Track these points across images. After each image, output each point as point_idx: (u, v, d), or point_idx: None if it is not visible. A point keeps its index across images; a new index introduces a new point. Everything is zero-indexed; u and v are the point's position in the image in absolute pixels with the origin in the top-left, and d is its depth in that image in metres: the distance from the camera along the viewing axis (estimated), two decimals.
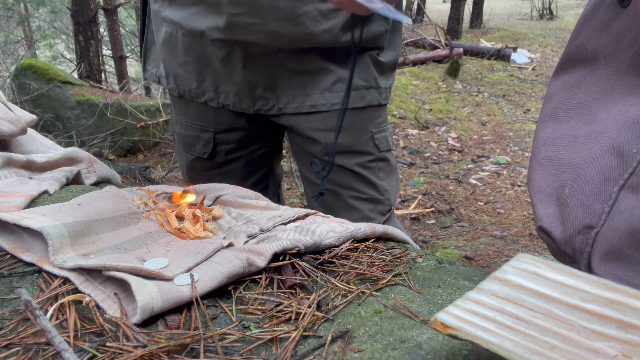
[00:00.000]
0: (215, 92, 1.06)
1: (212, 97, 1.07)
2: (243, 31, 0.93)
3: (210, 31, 0.95)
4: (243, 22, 0.92)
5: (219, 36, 0.95)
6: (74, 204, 0.60)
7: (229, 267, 0.50)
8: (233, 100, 1.06)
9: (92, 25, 5.47)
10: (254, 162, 1.22)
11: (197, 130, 1.15)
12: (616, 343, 0.34)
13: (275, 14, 0.91)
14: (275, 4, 0.90)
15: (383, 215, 1.15)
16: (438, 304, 0.49)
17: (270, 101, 1.06)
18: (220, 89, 1.06)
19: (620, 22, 0.52)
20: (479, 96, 5.73)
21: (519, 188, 3.39)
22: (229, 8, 0.91)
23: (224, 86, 1.05)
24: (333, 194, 1.11)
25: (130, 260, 0.51)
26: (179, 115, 1.18)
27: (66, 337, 0.41)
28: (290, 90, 1.04)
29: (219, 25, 0.94)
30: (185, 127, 1.17)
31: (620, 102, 0.51)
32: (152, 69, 1.18)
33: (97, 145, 3.90)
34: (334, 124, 1.04)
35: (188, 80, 1.07)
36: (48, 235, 0.50)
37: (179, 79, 1.09)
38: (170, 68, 1.09)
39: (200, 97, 1.08)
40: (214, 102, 1.08)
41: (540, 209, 0.57)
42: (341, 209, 1.12)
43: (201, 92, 1.08)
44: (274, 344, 0.42)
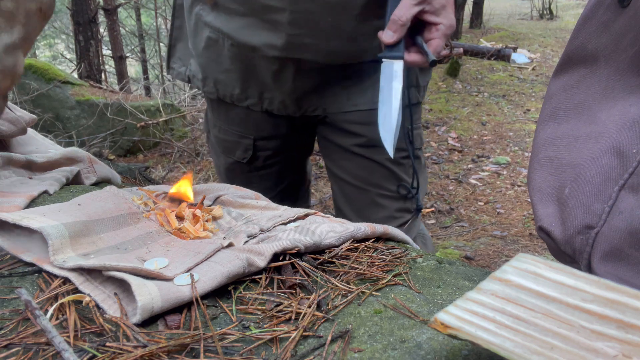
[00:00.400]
0: (260, 98, 1.06)
1: (255, 102, 1.07)
2: (301, 50, 0.93)
3: (265, 48, 0.94)
4: (302, 42, 0.92)
5: (275, 54, 0.94)
6: (74, 203, 0.60)
7: (229, 267, 0.50)
8: (278, 106, 1.06)
9: (92, 25, 5.47)
10: (289, 164, 1.23)
11: (236, 136, 1.15)
12: (616, 343, 0.34)
13: (336, 34, 0.91)
14: (338, 25, 0.90)
15: (409, 214, 1.14)
16: (438, 304, 0.49)
17: (315, 103, 1.06)
18: (264, 96, 1.05)
19: (620, 22, 0.52)
20: (479, 96, 5.73)
21: (519, 188, 3.39)
22: (289, 29, 0.90)
23: (268, 93, 1.05)
24: (360, 191, 1.11)
25: (130, 260, 0.51)
26: (217, 120, 1.17)
27: (66, 337, 0.41)
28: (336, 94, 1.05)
29: (275, 43, 0.92)
30: (224, 132, 1.16)
31: (620, 102, 0.51)
32: (178, 68, 1.16)
33: (97, 145, 3.90)
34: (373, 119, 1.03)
35: (230, 86, 1.06)
36: (48, 235, 0.50)
37: (219, 84, 1.07)
38: (211, 73, 1.07)
39: (242, 101, 1.08)
40: (257, 107, 1.07)
41: (540, 209, 0.57)
42: (368, 207, 1.12)
43: (244, 97, 1.07)
44: (274, 344, 0.42)
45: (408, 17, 0.82)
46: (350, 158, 1.11)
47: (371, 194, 1.10)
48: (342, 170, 1.13)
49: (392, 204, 1.10)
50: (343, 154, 1.11)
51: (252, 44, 0.95)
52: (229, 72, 1.04)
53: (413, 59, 0.85)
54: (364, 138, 1.07)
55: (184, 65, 1.15)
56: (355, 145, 1.08)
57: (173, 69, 1.18)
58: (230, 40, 0.98)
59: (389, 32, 0.84)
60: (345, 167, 1.12)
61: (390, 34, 0.83)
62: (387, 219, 1.11)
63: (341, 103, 1.06)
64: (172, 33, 1.16)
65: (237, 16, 0.95)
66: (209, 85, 1.09)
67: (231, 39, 0.97)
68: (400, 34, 0.83)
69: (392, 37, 0.83)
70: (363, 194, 1.11)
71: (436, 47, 0.84)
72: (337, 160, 1.13)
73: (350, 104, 1.06)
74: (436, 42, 0.85)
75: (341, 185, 1.15)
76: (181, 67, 1.15)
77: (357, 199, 1.13)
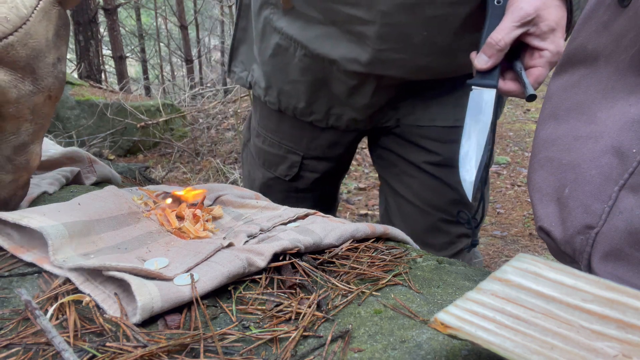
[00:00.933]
0: (326, 113, 0.98)
1: (320, 118, 0.99)
2: (387, 66, 0.84)
3: (346, 62, 0.86)
4: (389, 58, 0.83)
5: (357, 69, 0.86)
6: (74, 203, 0.60)
7: (229, 267, 0.50)
8: (346, 123, 0.98)
9: (92, 25, 5.47)
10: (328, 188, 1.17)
11: (284, 150, 1.07)
12: (616, 343, 0.34)
13: (429, 49, 0.82)
14: (432, 40, 0.81)
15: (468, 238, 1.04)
16: (438, 304, 0.49)
17: (388, 115, 0.98)
18: (332, 111, 0.98)
19: (620, 22, 0.52)
20: None
21: (519, 188, 3.39)
22: (376, 43, 0.81)
23: (338, 109, 0.97)
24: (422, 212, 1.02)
25: (130, 260, 0.51)
26: (264, 130, 1.09)
27: (66, 337, 0.41)
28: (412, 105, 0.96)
29: (360, 58, 0.84)
30: (270, 143, 1.08)
31: (620, 102, 0.51)
32: (240, 72, 1.08)
33: (97, 145, 3.90)
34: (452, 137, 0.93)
35: (295, 98, 0.98)
36: (48, 235, 0.50)
37: (283, 95, 0.99)
38: (276, 83, 0.99)
39: (306, 116, 1.00)
40: (322, 123, 0.99)
41: (540, 209, 0.57)
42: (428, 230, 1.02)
43: (309, 112, 0.99)
44: (274, 344, 0.42)
45: (507, 41, 0.70)
46: (417, 175, 1.02)
47: (434, 217, 1.02)
48: (404, 187, 1.04)
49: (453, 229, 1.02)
50: (409, 170, 1.02)
51: (331, 57, 0.86)
52: (296, 84, 0.96)
53: (508, 88, 0.73)
54: (439, 157, 0.98)
55: (246, 69, 1.07)
56: (427, 162, 0.99)
57: (234, 73, 1.09)
58: (304, 49, 0.90)
59: (483, 57, 0.72)
60: (408, 184, 1.03)
61: (485, 59, 0.72)
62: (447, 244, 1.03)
63: (417, 115, 0.97)
64: (236, 34, 1.07)
65: (315, 24, 0.86)
66: (272, 95, 1.00)
67: (305, 49, 0.89)
68: (497, 60, 0.72)
69: (487, 63, 0.72)
70: (424, 216, 1.02)
71: (537, 77, 0.71)
72: (400, 175, 1.04)
73: (427, 118, 0.96)
74: (538, 70, 0.71)
75: (400, 202, 1.06)
76: (243, 72, 1.07)
77: (417, 221, 1.04)
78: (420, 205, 1.02)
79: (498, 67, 0.73)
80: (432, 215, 1.02)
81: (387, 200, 1.11)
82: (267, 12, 0.93)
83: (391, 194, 1.08)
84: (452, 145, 0.93)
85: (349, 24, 0.82)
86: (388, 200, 1.11)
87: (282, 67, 0.96)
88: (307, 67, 0.92)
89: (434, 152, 0.98)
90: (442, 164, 0.98)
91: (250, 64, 1.06)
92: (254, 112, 1.13)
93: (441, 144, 0.97)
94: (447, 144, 0.97)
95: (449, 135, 0.96)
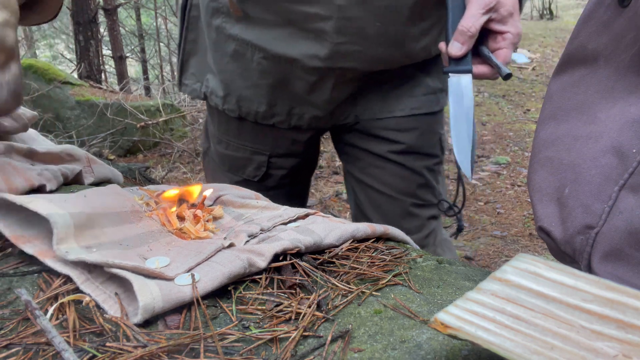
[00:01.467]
0: (288, 114, 1.00)
1: (282, 119, 1.01)
2: (345, 59, 0.89)
3: (306, 59, 0.89)
4: (347, 51, 0.87)
5: (318, 65, 0.89)
6: (80, 195, 0.60)
7: (230, 268, 0.50)
8: (308, 122, 1.01)
9: (92, 25, 5.47)
10: (298, 184, 1.19)
11: (249, 152, 1.09)
12: (616, 343, 0.34)
13: (382, 39, 0.87)
14: (384, 31, 0.86)
15: (436, 220, 1.11)
16: (438, 304, 0.49)
17: (347, 112, 1.01)
18: (294, 112, 1.00)
19: (620, 22, 0.52)
20: (479, 96, 5.72)
21: (519, 188, 3.39)
22: (335, 38, 0.85)
23: (299, 109, 0.99)
24: (393, 200, 1.06)
25: (132, 257, 0.51)
26: (225, 135, 1.10)
27: (66, 337, 0.41)
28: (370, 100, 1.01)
29: (319, 53, 0.88)
30: (234, 148, 1.10)
31: (620, 102, 0.51)
32: (192, 84, 1.09)
33: (97, 145, 3.90)
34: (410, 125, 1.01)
35: (256, 102, 1.00)
36: (55, 223, 0.50)
37: (243, 101, 1.00)
38: (236, 89, 1.00)
39: (268, 119, 1.02)
40: (284, 124, 1.02)
41: (540, 209, 0.57)
42: (401, 216, 1.07)
43: (270, 115, 1.01)
44: (274, 344, 0.42)
45: (477, 27, 0.76)
46: (383, 165, 1.06)
47: (405, 203, 1.06)
48: (372, 178, 1.08)
49: (424, 212, 1.07)
50: (375, 161, 1.06)
51: (290, 56, 0.89)
52: (256, 88, 0.98)
53: (481, 71, 0.79)
54: (402, 145, 1.03)
55: (199, 81, 1.08)
56: (391, 152, 1.04)
57: (186, 85, 1.10)
58: (262, 52, 0.92)
59: (456, 45, 0.77)
60: (376, 175, 1.07)
61: (459, 46, 0.77)
62: (419, 227, 1.08)
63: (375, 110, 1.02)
64: (185, 47, 1.08)
65: (271, 27, 0.89)
66: (231, 103, 1.01)
67: (263, 51, 0.91)
68: (469, 46, 0.77)
69: (461, 50, 0.77)
70: (396, 203, 1.07)
71: (505, 58, 0.78)
72: (367, 168, 1.08)
73: (385, 110, 1.01)
74: (504, 52, 0.79)
75: (370, 194, 1.10)
76: (195, 84, 1.08)
77: (390, 209, 1.08)
78: (391, 193, 1.07)
79: (470, 53, 0.79)
80: (403, 201, 1.07)
81: (355, 193, 1.14)
82: (218, 21, 0.95)
83: (360, 187, 1.12)
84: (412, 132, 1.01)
85: (306, 22, 0.86)
86: (357, 194, 1.14)
87: (240, 73, 0.97)
88: (266, 69, 0.94)
89: (396, 141, 1.03)
90: (405, 152, 1.03)
91: (203, 75, 1.07)
92: (212, 121, 1.14)
93: (402, 133, 1.03)
94: (407, 132, 1.02)
95: (408, 124, 1.01)
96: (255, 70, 0.95)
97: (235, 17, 0.92)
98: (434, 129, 1.06)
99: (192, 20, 1.05)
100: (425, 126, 1.04)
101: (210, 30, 0.98)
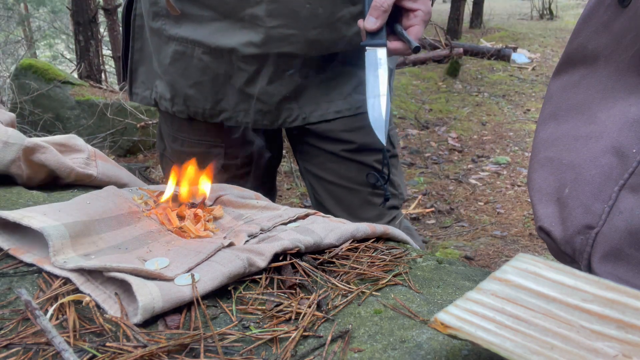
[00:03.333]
0: (234, 110, 1.01)
1: (229, 116, 1.02)
2: (280, 43, 0.91)
3: (243, 47, 0.91)
4: (281, 34, 0.90)
5: (254, 51, 0.92)
6: (74, 203, 0.60)
7: (230, 267, 0.50)
8: (254, 118, 1.02)
9: (92, 25, 5.47)
10: (261, 174, 1.20)
11: (205, 146, 1.09)
12: (616, 343, 0.34)
13: (315, 21, 0.90)
14: (315, 12, 0.89)
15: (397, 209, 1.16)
16: (438, 304, 0.49)
17: (294, 112, 1.03)
18: (239, 107, 1.01)
19: (620, 22, 0.52)
20: (479, 96, 5.73)
21: (519, 188, 3.39)
22: (267, 21, 0.88)
23: (244, 104, 1.00)
24: (351, 191, 1.11)
25: (131, 260, 0.51)
26: (178, 132, 1.11)
27: (66, 337, 0.41)
28: (314, 98, 1.02)
29: (254, 40, 0.90)
30: (190, 144, 1.10)
31: (620, 102, 0.51)
32: (142, 92, 1.10)
33: (97, 145, 3.90)
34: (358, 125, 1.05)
35: (202, 101, 1.01)
36: (49, 236, 0.50)
37: (190, 100, 1.02)
38: (180, 89, 1.01)
39: (215, 117, 1.03)
40: (232, 121, 1.03)
41: (540, 209, 0.57)
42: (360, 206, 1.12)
43: (217, 112, 1.02)
44: (274, 344, 0.42)
45: (390, 2, 0.82)
46: (338, 161, 1.09)
47: (363, 193, 1.10)
48: (329, 173, 1.12)
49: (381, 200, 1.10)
50: (330, 158, 1.09)
51: (229, 46, 0.92)
52: (199, 85, 0.99)
53: (395, 47, 0.86)
54: (354, 144, 1.06)
55: (149, 88, 1.09)
56: (345, 150, 1.07)
57: (137, 95, 1.12)
58: (201, 48, 0.94)
59: (371, 19, 0.83)
60: (332, 170, 1.11)
61: (373, 20, 0.83)
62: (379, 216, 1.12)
63: (322, 111, 1.04)
64: (133, 57, 1.09)
65: (208, 22, 0.92)
66: (179, 104, 1.03)
67: (203, 46, 0.94)
68: (383, 20, 0.83)
69: (375, 24, 0.83)
70: (355, 194, 1.11)
71: (417, 34, 0.85)
72: (323, 163, 1.11)
73: (332, 111, 1.04)
74: (416, 28, 0.85)
75: (328, 187, 1.13)
76: (145, 91, 1.09)
77: (349, 199, 1.12)
78: (349, 185, 1.10)
79: (384, 28, 0.85)
80: (361, 191, 1.10)
81: (314, 189, 1.17)
82: (159, 24, 0.98)
83: (318, 182, 1.15)
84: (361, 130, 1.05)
85: (239, 10, 0.89)
86: (316, 189, 1.17)
87: (182, 72, 0.99)
88: (206, 65, 0.97)
89: (348, 140, 1.07)
90: (358, 150, 1.07)
91: (152, 82, 1.08)
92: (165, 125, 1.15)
93: (352, 132, 1.06)
94: (356, 131, 1.06)
95: (356, 123, 1.05)
96: (197, 67, 0.98)
97: (174, 18, 0.95)
98: None
99: (138, 29, 1.07)
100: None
101: (152, 34, 1.01)
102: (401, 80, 5.86)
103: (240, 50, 0.92)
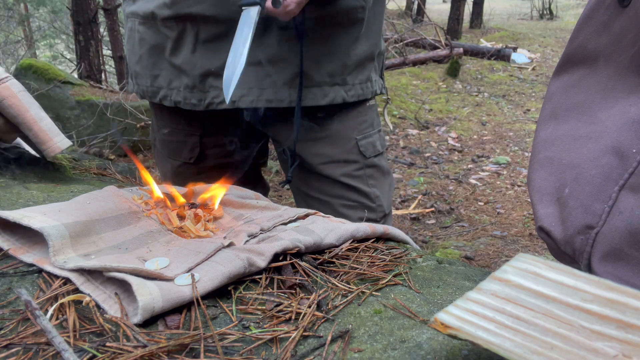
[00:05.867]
0: (168, 88, 1.02)
1: (165, 94, 1.03)
2: (187, 3, 0.93)
3: (158, 9, 0.95)
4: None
5: (167, 13, 0.94)
6: (74, 203, 0.60)
7: (230, 267, 0.50)
8: (184, 95, 1.01)
9: (92, 25, 5.47)
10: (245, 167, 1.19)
11: (182, 134, 1.11)
12: (616, 343, 0.34)
13: None
14: None
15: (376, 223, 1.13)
16: (438, 304, 0.49)
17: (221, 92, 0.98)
18: (172, 84, 1.02)
19: (620, 22, 0.52)
20: (479, 96, 5.73)
21: (519, 188, 3.39)
22: None
23: (176, 81, 1.01)
24: (323, 204, 1.09)
25: (131, 260, 0.51)
26: (161, 121, 1.14)
27: (66, 337, 0.41)
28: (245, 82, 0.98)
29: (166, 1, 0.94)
30: (170, 132, 1.13)
31: (620, 102, 0.51)
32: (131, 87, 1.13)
33: (97, 145, 3.90)
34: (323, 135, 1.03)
35: (144, 78, 1.04)
36: (49, 236, 0.50)
37: (138, 78, 1.05)
38: (132, 67, 1.06)
39: (155, 96, 1.04)
40: (168, 100, 1.03)
41: (540, 209, 0.57)
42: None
43: (156, 89, 1.03)
44: (274, 344, 0.42)
45: None
46: (308, 174, 1.10)
47: (334, 205, 1.09)
48: (302, 183, 1.12)
49: (354, 213, 1.09)
50: (303, 171, 1.10)
51: (150, 10, 0.96)
52: (141, 61, 1.03)
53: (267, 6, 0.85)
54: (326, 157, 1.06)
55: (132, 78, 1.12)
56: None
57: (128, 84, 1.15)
58: (138, 18, 1.00)
59: None
60: (306, 182, 1.11)
61: None
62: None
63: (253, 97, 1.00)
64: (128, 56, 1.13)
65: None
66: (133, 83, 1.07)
67: (138, 17, 0.99)
68: None
69: None
70: (326, 206, 1.10)
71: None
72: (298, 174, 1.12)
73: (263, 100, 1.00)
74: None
75: (304, 198, 1.14)
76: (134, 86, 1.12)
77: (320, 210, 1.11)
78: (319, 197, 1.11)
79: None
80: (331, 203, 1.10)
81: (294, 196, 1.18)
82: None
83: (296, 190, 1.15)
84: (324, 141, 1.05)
85: None
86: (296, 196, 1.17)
87: (132, 49, 1.04)
88: (142, 36, 1.01)
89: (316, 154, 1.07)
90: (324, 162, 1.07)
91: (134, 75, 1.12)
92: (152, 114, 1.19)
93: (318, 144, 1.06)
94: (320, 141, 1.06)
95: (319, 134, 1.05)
96: (137, 40, 1.02)
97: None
98: (346, 134, 1.06)
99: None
100: (334, 133, 1.05)
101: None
102: (401, 80, 5.86)
103: (157, 13, 0.96)
